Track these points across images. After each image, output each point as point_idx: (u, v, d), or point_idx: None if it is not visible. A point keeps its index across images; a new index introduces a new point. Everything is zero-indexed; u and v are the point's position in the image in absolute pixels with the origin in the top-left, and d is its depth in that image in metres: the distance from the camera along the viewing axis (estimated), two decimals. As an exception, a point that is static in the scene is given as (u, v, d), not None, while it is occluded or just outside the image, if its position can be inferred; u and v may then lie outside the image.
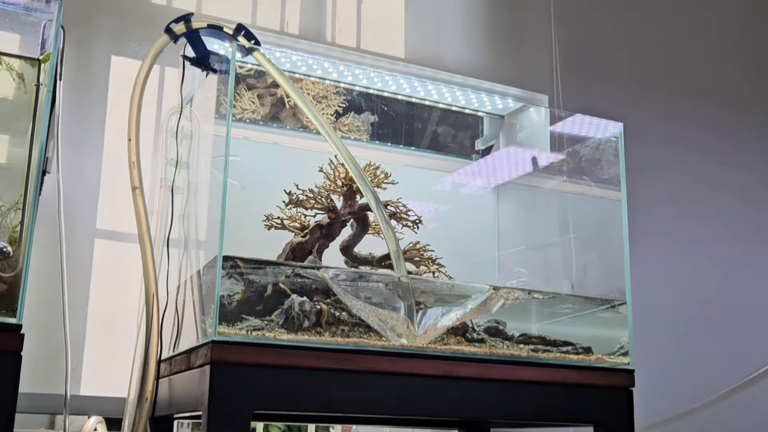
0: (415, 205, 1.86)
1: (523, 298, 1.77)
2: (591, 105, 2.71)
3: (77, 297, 2.08)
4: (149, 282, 1.67)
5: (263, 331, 1.49)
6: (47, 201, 1.83)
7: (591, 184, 2.06)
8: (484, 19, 2.84)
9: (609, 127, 2.00)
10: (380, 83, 2.11)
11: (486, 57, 2.78)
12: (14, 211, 1.45)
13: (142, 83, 1.76)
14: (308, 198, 1.77)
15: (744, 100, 3.31)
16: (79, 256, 2.11)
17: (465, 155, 2.34)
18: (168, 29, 1.75)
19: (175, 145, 1.90)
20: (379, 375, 1.54)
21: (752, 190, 3.20)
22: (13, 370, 1.34)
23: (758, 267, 3.12)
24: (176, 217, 1.82)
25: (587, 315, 1.93)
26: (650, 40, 3.18)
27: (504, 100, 2.22)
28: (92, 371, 2.07)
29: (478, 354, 1.64)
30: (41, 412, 2.05)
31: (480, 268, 2.25)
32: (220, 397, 1.40)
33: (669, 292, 2.90)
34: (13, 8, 1.62)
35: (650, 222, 2.93)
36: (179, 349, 1.69)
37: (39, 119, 1.49)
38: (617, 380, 1.76)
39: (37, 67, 1.56)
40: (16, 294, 1.37)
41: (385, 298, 1.64)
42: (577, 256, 2.05)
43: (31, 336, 1.45)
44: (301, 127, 2.14)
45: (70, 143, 2.14)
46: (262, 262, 1.60)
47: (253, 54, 1.72)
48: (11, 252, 1.40)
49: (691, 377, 2.83)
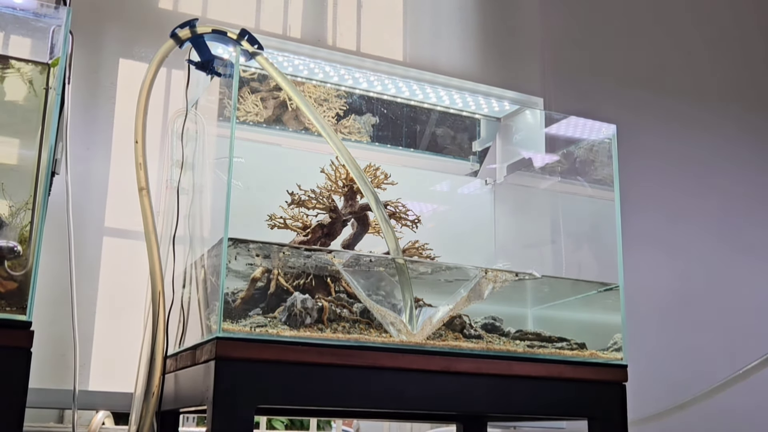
0: (414, 205, 1.87)
1: (510, 280, 1.78)
2: (585, 108, 2.74)
3: (86, 294, 2.09)
4: (155, 280, 1.68)
5: (266, 328, 1.50)
6: (56, 201, 1.85)
7: (585, 184, 2.07)
8: (480, 24, 2.86)
9: (602, 129, 2.01)
10: (380, 86, 2.12)
11: (482, 61, 2.81)
12: (24, 211, 1.46)
13: (148, 87, 1.76)
14: (310, 198, 1.77)
15: (736, 104, 3.32)
16: (88, 254, 2.12)
17: (462, 156, 2.36)
18: (173, 34, 1.76)
19: (181, 146, 1.92)
20: (379, 370, 1.55)
21: (743, 189, 3.21)
22: (23, 366, 1.34)
23: (749, 263, 3.14)
24: (182, 217, 1.84)
25: (580, 307, 1.95)
26: (644, 45, 3.20)
27: (500, 103, 2.23)
28: (101, 367, 2.09)
29: (476, 350, 1.66)
30: (51, 407, 2.07)
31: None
32: (224, 392, 1.41)
33: (659, 288, 2.92)
34: (23, 14, 1.64)
35: (643, 218, 2.94)
36: (185, 345, 1.70)
37: (48, 122, 1.49)
38: (611, 375, 1.77)
39: (47, 72, 1.57)
40: (26, 292, 1.38)
41: (386, 293, 1.66)
42: (570, 254, 2.07)
43: (40, 333, 1.45)
44: (303, 129, 2.15)
45: (79, 145, 2.16)
46: (268, 243, 1.62)
47: (257, 58, 1.73)
48: (21, 251, 1.40)
49: (679, 370, 2.85)
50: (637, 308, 2.65)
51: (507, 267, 2.02)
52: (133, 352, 1.97)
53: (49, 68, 1.57)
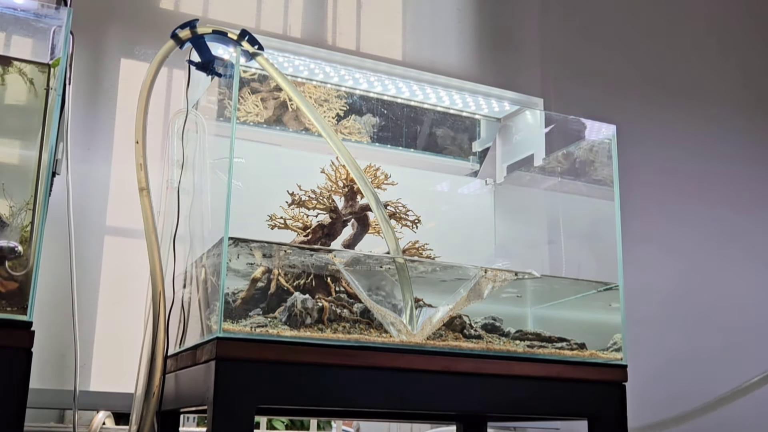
0: (414, 205, 1.87)
1: (510, 279, 1.78)
2: (585, 109, 2.74)
3: (87, 295, 2.09)
4: (156, 280, 1.68)
5: (267, 328, 1.50)
6: (57, 201, 1.86)
7: (585, 184, 2.08)
8: (480, 25, 2.86)
9: (602, 129, 2.02)
10: (380, 87, 2.12)
11: (482, 61, 2.81)
12: (25, 211, 1.46)
13: (148, 87, 1.76)
14: (310, 198, 1.77)
15: (736, 105, 3.32)
16: (89, 254, 2.12)
17: (462, 156, 2.36)
18: (174, 35, 1.75)
19: (181, 147, 1.92)
20: (379, 370, 1.55)
21: (743, 190, 3.22)
22: (24, 365, 1.35)
23: (749, 263, 3.14)
24: (182, 217, 1.84)
25: (580, 307, 1.95)
26: (644, 45, 3.20)
27: (500, 103, 2.23)
28: (101, 367, 2.09)
29: (476, 350, 1.66)
30: (51, 407, 2.07)
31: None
32: (224, 392, 1.41)
33: (659, 288, 2.92)
34: (24, 15, 1.65)
35: (642, 219, 2.95)
36: (185, 345, 1.70)
37: (49, 122, 1.50)
38: (611, 375, 1.77)
39: (47, 72, 1.57)
40: (27, 292, 1.39)
41: (386, 293, 1.66)
42: (570, 254, 2.07)
43: (41, 333, 1.46)
44: (304, 130, 2.15)
45: (80, 145, 2.16)
46: (269, 243, 1.63)
47: (257, 59, 1.73)
48: (22, 251, 1.41)
49: (679, 370, 2.86)
50: (638, 308, 2.65)
51: (506, 266, 2.03)
52: (134, 353, 1.96)
53: (50, 69, 1.57)
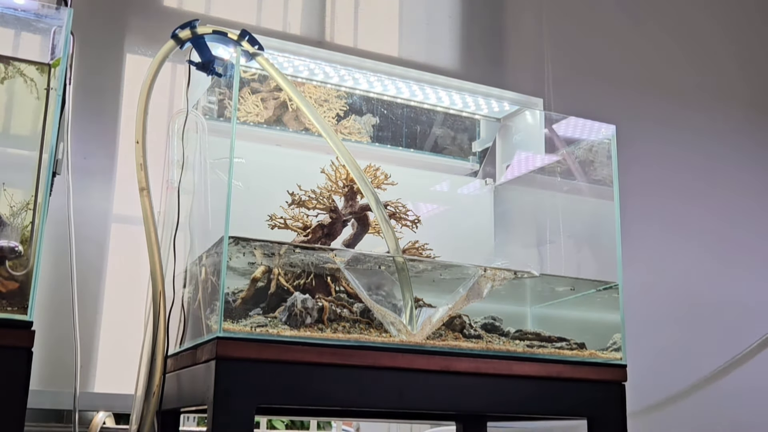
0: (414, 205, 1.87)
1: (509, 278, 1.78)
2: (584, 109, 2.74)
3: (88, 295, 2.09)
4: (156, 280, 1.68)
5: (267, 328, 1.51)
6: (58, 201, 1.86)
7: (585, 184, 2.08)
8: (480, 24, 2.87)
9: (602, 130, 2.02)
10: (380, 87, 2.12)
11: (482, 61, 2.81)
12: (25, 211, 1.46)
13: (148, 87, 1.76)
14: (310, 198, 1.77)
15: (736, 106, 3.32)
16: (90, 254, 2.12)
17: (462, 157, 2.37)
18: (174, 35, 1.76)
19: (182, 147, 1.92)
20: (379, 370, 1.55)
21: (742, 190, 3.22)
22: (24, 365, 1.35)
23: (749, 263, 3.15)
24: (182, 217, 1.85)
25: (579, 307, 1.95)
26: (644, 45, 3.20)
27: (500, 103, 2.23)
28: (102, 368, 2.09)
29: (475, 349, 1.66)
30: (52, 408, 2.06)
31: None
32: (225, 391, 1.41)
33: (659, 289, 2.92)
34: (24, 15, 1.65)
35: (641, 216, 2.95)
36: (185, 345, 1.70)
37: (49, 122, 1.50)
38: (610, 375, 1.78)
39: (48, 72, 1.58)
40: (27, 292, 1.39)
41: (386, 293, 1.66)
42: (569, 254, 2.08)
43: (42, 333, 1.47)
44: (304, 130, 2.15)
45: (83, 144, 2.16)
46: (269, 242, 1.63)
47: (257, 59, 1.73)
48: (22, 251, 1.41)
49: (679, 371, 2.86)
50: (639, 308, 2.65)
51: (506, 265, 2.03)
52: (134, 353, 1.96)
53: (50, 69, 1.57)
